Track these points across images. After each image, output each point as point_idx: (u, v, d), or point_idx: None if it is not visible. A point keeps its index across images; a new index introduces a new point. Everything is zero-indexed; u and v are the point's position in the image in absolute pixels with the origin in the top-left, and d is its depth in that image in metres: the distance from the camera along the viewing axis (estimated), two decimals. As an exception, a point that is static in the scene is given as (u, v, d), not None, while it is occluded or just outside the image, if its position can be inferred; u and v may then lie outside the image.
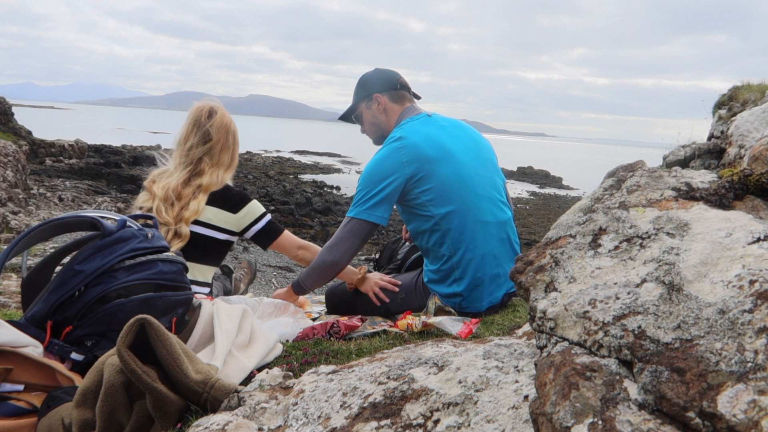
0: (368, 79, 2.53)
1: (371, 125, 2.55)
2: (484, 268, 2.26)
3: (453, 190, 2.23)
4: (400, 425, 0.99)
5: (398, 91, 2.51)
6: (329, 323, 2.00)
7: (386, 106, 2.48)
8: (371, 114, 2.52)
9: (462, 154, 2.30)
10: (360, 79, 2.57)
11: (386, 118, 2.50)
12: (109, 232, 1.62)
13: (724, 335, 0.73)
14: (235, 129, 2.46)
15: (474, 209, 2.25)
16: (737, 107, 1.96)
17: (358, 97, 2.55)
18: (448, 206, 2.23)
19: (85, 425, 1.19)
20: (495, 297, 2.30)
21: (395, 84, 2.51)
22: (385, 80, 2.51)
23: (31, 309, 1.53)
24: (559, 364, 0.83)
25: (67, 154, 20.73)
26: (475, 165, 2.33)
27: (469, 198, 2.25)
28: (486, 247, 2.26)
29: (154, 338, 1.21)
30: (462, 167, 2.27)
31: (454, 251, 2.25)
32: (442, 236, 2.26)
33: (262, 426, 1.12)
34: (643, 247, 0.97)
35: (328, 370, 1.30)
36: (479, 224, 2.26)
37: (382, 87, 2.49)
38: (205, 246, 2.30)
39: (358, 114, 2.57)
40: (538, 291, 0.99)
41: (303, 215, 17.23)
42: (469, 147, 2.37)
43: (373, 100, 2.49)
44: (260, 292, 7.83)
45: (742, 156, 1.44)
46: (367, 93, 2.51)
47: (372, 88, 2.50)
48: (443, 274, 2.30)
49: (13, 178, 12.43)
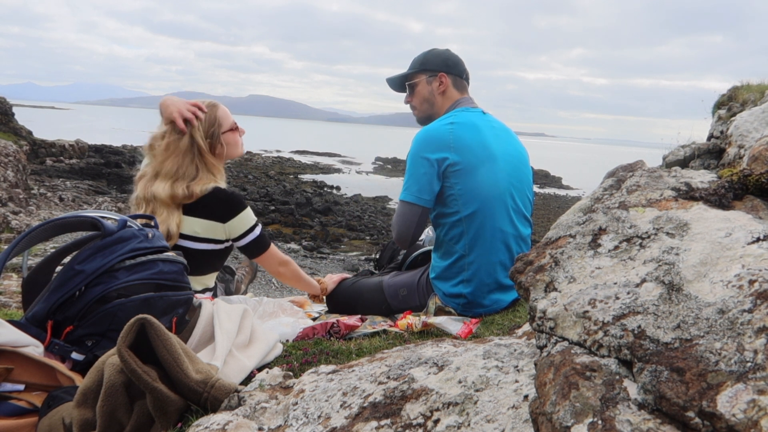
0: (438, 56, 2.46)
1: (424, 101, 2.47)
2: (494, 275, 2.23)
3: (484, 192, 2.20)
4: (400, 425, 0.99)
5: (462, 80, 2.47)
6: (329, 323, 2.00)
7: (447, 89, 2.42)
8: (429, 90, 2.44)
9: (504, 160, 2.27)
10: (429, 52, 2.49)
11: (442, 101, 2.44)
12: (109, 232, 1.62)
13: (723, 335, 0.73)
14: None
15: (499, 216, 2.22)
16: (737, 107, 1.96)
17: (421, 68, 2.45)
18: (475, 206, 2.20)
19: (86, 425, 1.20)
20: (498, 305, 2.28)
21: (462, 72, 2.47)
22: (454, 63, 2.45)
23: (32, 309, 1.53)
24: (559, 364, 0.83)
25: (68, 154, 20.73)
26: (513, 175, 2.30)
27: (497, 204, 2.22)
28: (500, 256, 2.24)
29: (155, 338, 1.21)
30: (500, 173, 2.24)
31: (469, 251, 2.23)
32: (461, 233, 2.23)
33: (262, 426, 1.12)
34: (642, 247, 0.97)
35: (328, 370, 1.30)
36: (500, 232, 2.23)
37: (450, 68, 2.43)
38: (200, 259, 2.21)
39: (414, 83, 2.48)
40: (537, 291, 0.99)
41: (303, 215, 17.23)
42: (512, 156, 2.34)
43: (438, 77, 2.42)
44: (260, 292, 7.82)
45: (741, 156, 1.44)
46: (434, 68, 2.43)
47: (441, 65, 2.43)
48: (452, 272, 2.27)
49: (13, 178, 12.43)
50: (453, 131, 2.20)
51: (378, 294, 2.46)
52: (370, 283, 2.52)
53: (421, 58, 2.47)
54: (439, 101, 2.44)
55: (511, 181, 2.28)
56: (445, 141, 2.19)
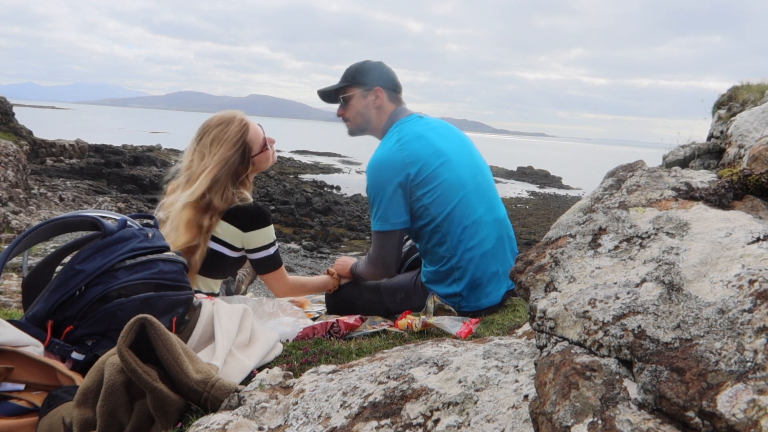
0: (374, 69, 2.46)
1: (358, 114, 2.46)
2: (483, 267, 2.27)
3: (451, 193, 2.24)
4: (400, 425, 0.99)
5: (396, 93, 2.49)
6: (329, 323, 2.00)
7: (383, 102, 2.43)
8: (364, 104, 2.43)
9: (455, 154, 2.31)
10: (362, 64, 2.48)
11: (377, 115, 2.44)
12: (109, 231, 1.62)
13: (723, 335, 0.73)
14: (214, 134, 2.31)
15: (472, 208, 2.27)
16: (737, 107, 1.96)
17: (355, 81, 2.44)
18: (447, 207, 2.24)
19: (86, 424, 1.20)
20: (496, 295, 2.31)
21: (396, 85, 2.49)
22: (389, 77, 2.46)
23: (32, 308, 1.53)
24: (559, 364, 0.83)
25: (68, 154, 20.73)
26: (469, 164, 2.35)
27: (467, 197, 2.27)
28: (485, 246, 2.28)
29: (155, 338, 1.21)
30: (460, 168, 2.29)
31: (454, 252, 2.26)
32: (442, 237, 2.27)
33: (262, 425, 1.12)
34: (642, 247, 0.97)
35: (328, 370, 1.30)
36: (477, 223, 2.27)
37: (385, 83, 2.43)
38: (211, 259, 2.23)
39: (348, 96, 2.45)
40: (538, 291, 0.99)
41: (303, 215, 17.24)
42: (460, 147, 2.39)
43: (373, 91, 2.42)
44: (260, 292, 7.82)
45: (741, 156, 1.44)
46: (371, 82, 2.42)
47: (377, 79, 2.43)
48: (442, 275, 2.31)
49: (14, 178, 12.43)
50: (402, 149, 2.24)
51: (376, 296, 2.46)
52: (368, 286, 2.53)
53: (355, 70, 2.46)
54: (374, 115, 2.44)
55: (470, 170, 2.33)
56: (399, 162, 2.22)
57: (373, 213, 2.29)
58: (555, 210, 21.71)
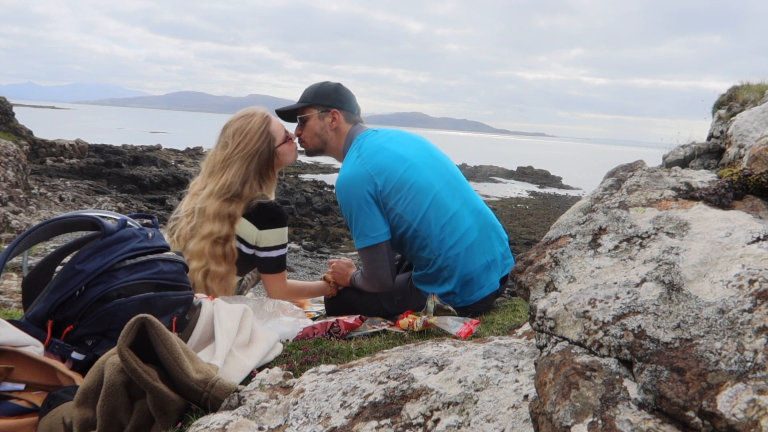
0: (333, 91, 2.47)
1: (315, 135, 2.46)
2: (472, 260, 2.28)
3: (421, 195, 2.26)
4: (400, 425, 0.99)
5: (353, 114, 2.50)
6: (329, 323, 2.00)
7: (340, 125, 2.44)
8: (321, 125, 2.44)
9: (416, 158, 2.34)
10: (320, 86, 2.49)
11: (335, 136, 2.45)
12: (109, 231, 1.62)
13: (723, 335, 0.73)
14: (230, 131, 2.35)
15: (446, 205, 2.29)
16: (737, 107, 1.96)
17: (312, 102, 2.44)
18: (420, 209, 2.26)
19: (86, 424, 1.20)
20: (490, 285, 2.33)
21: (354, 107, 2.51)
22: (347, 99, 2.48)
23: (32, 308, 1.53)
24: (559, 364, 0.83)
25: (68, 153, 20.73)
26: (431, 164, 2.38)
27: (438, 196, 2.29)
28: (468, 239, 2.29)
29: (155, 337, 1.21)
30: (422, 169, 2.31)
31: (438, 254, 2.28)
32: (423, 240, 2.28)
33: (262, 425, 1.12)
34: (642, 247, 0.97)
35: (328, 370, 1.30)
36: (455, 218, 2.29)
37: (342, 104, 2.45)
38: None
39: (305, 117, 2.47)
40: (538, 290, 0.99)
41: (303, 215, 17.24)
42: (420, 150, 2.42)
43: (330, 114, 2.43)
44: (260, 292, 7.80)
45: (741, 156, 1.44)
46: (328, 103, 2.43)
47: (334, 101, 2.44)
48: (432, 277, 2.33)
49: (13, 178, 12.44)
50: (365, 163, 2.26)
51: (374, 298, 2.47)
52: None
53: (313, 92, 2.47)
54: (331, 136, 2.46)
55: (437, 170, 2.36)
56: (365, 175, 2.25)
57: (353, 232, 2.31)
58: (555, 210, 21.72)
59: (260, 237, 2.27)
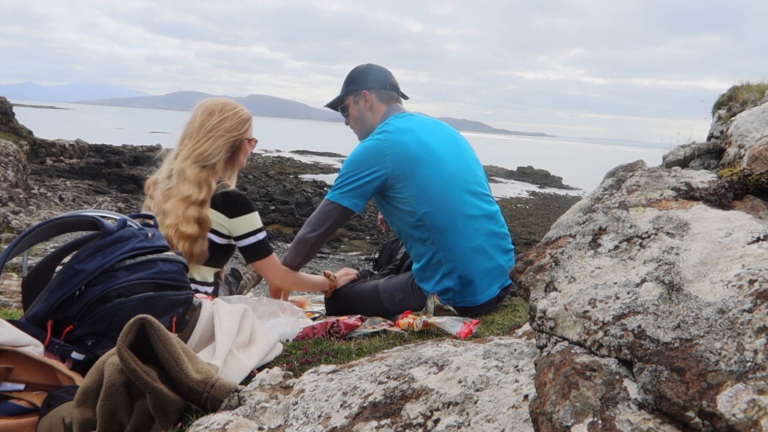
0: (359, 74, 2.56)
1: (356, 120, 2.58)
2: (474, 263, 2.28)
3: (435, 187, 2.27)
4: (400, 425, 0.99)
5: (387, 90, 2.54)
6: (329, 323, 2.00)
7: (373, 104, 2.52)
8: (357, 109, 2.55)
9: (443, 150, 2.35)
10: (351, 72, 2.59)
11: (372, 116, 2.53)
12: (109, 231, 1.62)
13: (723, 335, 0.73)
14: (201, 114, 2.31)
15: (458, 204, 2.29)
16: (737, 107, 1.96)
17: (347, 90, 2.57)
18: (430, 202, 2.26)
19: (86, 424, 1.20)
20: (491, 291, 2.32)
21: (385, 83, 2.54)
22: (375, 78, 2.54)
23: (32, 308, 1.53)
24: (559, 364, 0.83)
25: (68, 153, 20.73)
26: (456, 160, 2.38)
27: (452, 193, 2.29)
28: (474, 242, 2.29)
29: (155, 338, 1.21)
30: (444, 164, 2.31)
31: (440, 247, 2.28)
32: (426, 232, 2.28)
33: (262, 425, 1.12)
34: (642, 247, 0.97)
35: (328, 370, 1.30)
36: (465, 219, 2.28)
37: (371, 84, 2.53)
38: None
39: (345, 106, 2.60)
40: (538, 291, 0.99)
41: (303, 215, 17.24)
42: (449, 143, 2.42)
43: (361, 96, 2.52)
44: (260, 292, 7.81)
45: (741, 156, 1.44)
46: (356, 88, 2.53)
47: (362, 83, 2.53)
48: (431, 272, 2.32)
49: (14, 178, 12.44)
50: (387, 140, 2.29)
51: (374, 297, 2.46)
52: (366, 288, 2.53)
53: (347, 80, 2.58)
54: (369, 117, 2.54)
55: (458, 166, 2.36)
56: (380, 153, 2.27)
57: (338, 184, 2.33)
58: (555, 210, 21.71)
59: (232, 226, 2.26)
